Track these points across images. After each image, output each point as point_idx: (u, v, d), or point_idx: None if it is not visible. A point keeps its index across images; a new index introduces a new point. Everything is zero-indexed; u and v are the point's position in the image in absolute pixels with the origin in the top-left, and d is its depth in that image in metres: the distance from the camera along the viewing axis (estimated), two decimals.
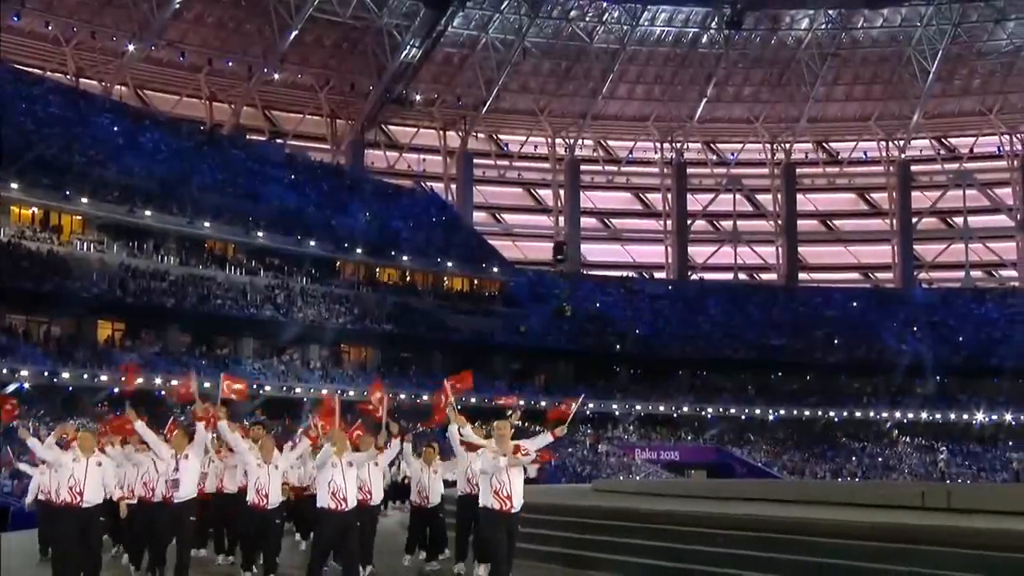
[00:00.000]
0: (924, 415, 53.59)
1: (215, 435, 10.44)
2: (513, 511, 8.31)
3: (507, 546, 8.43)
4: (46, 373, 36.34)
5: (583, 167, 69.43)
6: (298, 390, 42.86)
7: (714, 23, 63.14)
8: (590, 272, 67.21)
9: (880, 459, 50.19)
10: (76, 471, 8.97)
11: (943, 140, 69.84)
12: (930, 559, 8.81)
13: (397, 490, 18.58)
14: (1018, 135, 68.14)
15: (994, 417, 53.34)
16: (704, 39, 64.86)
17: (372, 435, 10.03)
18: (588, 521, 12.44)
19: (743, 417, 53.43)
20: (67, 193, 40.70)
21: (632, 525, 11.55)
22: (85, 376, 37.31)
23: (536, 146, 69.10)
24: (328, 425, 10.13)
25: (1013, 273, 68.94)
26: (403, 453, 10.98)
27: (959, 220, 69.67)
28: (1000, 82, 66.18)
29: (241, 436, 10.42)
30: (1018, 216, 68.16)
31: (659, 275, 68.55)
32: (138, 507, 10.13)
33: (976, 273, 68.95)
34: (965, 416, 53.90)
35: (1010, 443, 51.42)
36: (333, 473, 8.85)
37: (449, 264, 54.94)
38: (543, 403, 42.49)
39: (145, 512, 9.89)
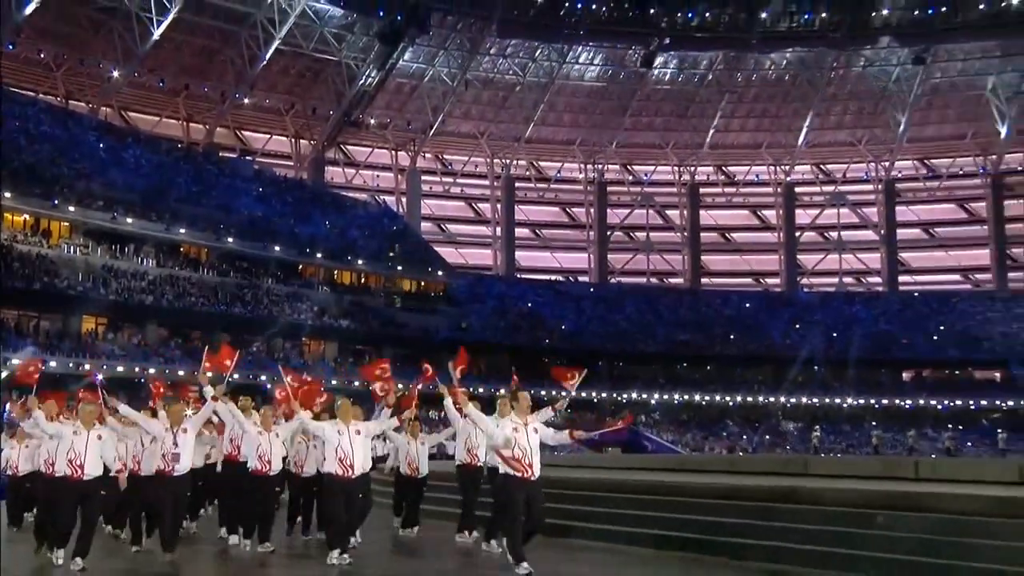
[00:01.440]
0: (804, 399, 54.43)
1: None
2: (533, 478, 7.96)
3: (530, 509, 8.01)
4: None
5: (517, 184, 69.64)
6: (263, 377, 41.06)
7: (630, 61, 63.58)
8: (523, 276, 67.06)
9: (768, 437, 50.90)
10: (76, 444, 8.45)
11: (821, 166, 70.91)
12: (787, 514, 9.27)
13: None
14: (882, 163, 69.16)
15: (860, 401, 54.67)
16: (621, 75, 65.26)
17: (364, 409, 9.56)
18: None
19: (653, 401, 53.62)
20: (56, 202, 40.53)
21: (567, 492, 11.43)
22: (71, 364, 36.79)
23: (476, 165, 69.32)
24: (296, 393, 9.84)
25: (878, 279, 69.79)
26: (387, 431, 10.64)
27: (834, 234, 70.69)
28: (868, 118, 67.53)
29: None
30: (882, 231, 68.99)
31: (583, 279, 69.00)
32: (128, 481, 9.36)
33: (848, 279, 70.32)
34: (837, 400, 55.05)
35: (873, 423, 52.00)
36: (340, 440, 8.49)
37: (399, 268, 54.92)
38: (480, 389, 40.53)
39: (137, 485, 9.17)
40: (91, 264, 41.30)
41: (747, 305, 63.58)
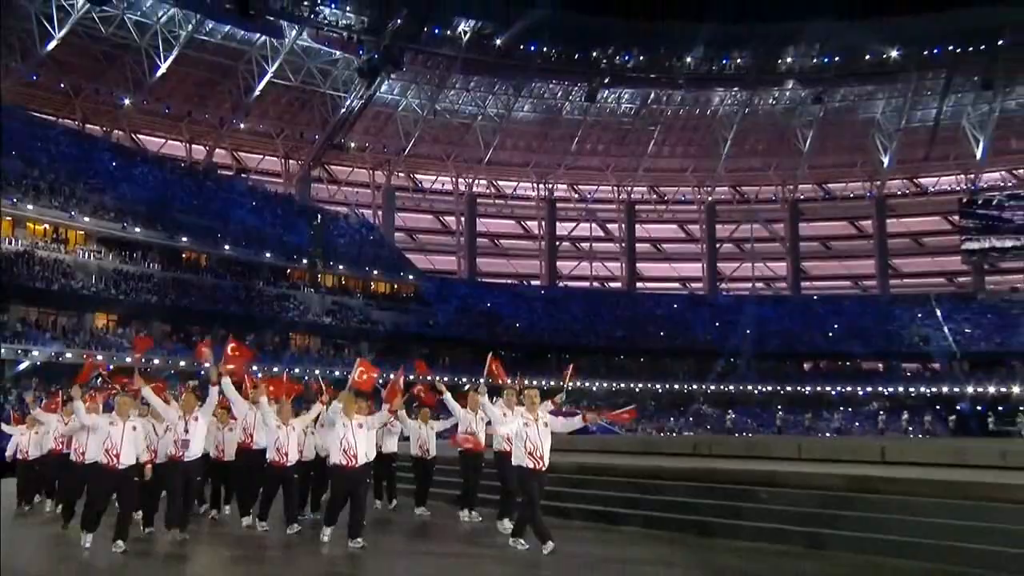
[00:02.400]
0: (721, 387, 54.99)
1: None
2: (543, 469, 7.86)
3: (537, 498, 7.94)
4: (53, 353, 36.26)
5: (479, 200, 69.83)
6: (254, 368, 42.56)
7: (575, 96, 64.17)
8: (483, 280, 67.08)
9: (691, 419, 52.06)
10: (113, 434, 8.10)
11: (737, 188, 71.73)
12: (678, 490, 9.91)
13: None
14: (788, 186, 70.04)
15: (768, 388, 55.42)
16: (567, 108, 65.71)
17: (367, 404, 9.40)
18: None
19: (594, 388, 53.83)
20: (72, 213, 40.67)
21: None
22: (84, 356, 35.43)
23: (443, 184, 69.40)
24: (281, 391, 9.93)
25: (784, 285, 70.37)
26: (400, 416, 10.53)
27: (748, 246, 71.79)
28: (776, 148, 68.17)
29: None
30: (787, 244, 70.13)
31: (535, 282, 68.77)
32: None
33: (759, 284, 71.36)
34: (750, 387, 55.58)
35: (778, 406, 52.14)
36: (344, 432, 8.24)
37: (375, 272, 54.95)
38: (445, 379, 45.27)
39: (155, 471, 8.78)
40: (103, 268, 41.38)
41: (675, 306, 64.01)
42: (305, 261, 51.53)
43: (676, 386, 54.90)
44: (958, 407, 53.34)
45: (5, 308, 36.45)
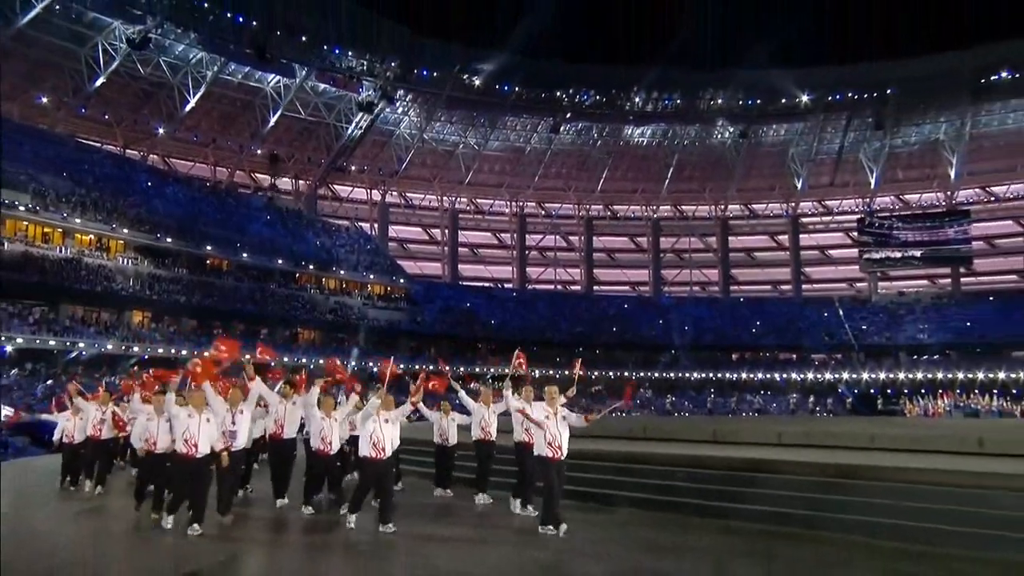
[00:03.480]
0: (664, 375, 54.81)
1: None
2: (562, 458, 7.51)
3: (557, 485, 7.52)
4: (96, 345, 36.90)
5: (460, 215, 70.18)
6: (267, 358, 41.86)
7: (542, 129, 64.81)
8: (464, 283, 67.55)
9: (637, 402, 51.29)
10: (191, 426, 7.70)
11: (677, 207, 72.07)
12: (584, 468, 9.62)
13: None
14: (720, 206, 70.81)
15: (702, 375, 55.64)
16: (534, 139, 66.12)
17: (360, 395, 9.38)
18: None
19: (557, 377, 48.23)
20: (114, 226, 41.27)
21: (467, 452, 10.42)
22: (123, 348, 37.97)
23: (430, 201, 69.58)
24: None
25: (716, 288, 71.52)
26: (422, 408, 10.15)
27: (686, 256, 72.64)
28: (710, 174, 68.81)
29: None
30: (718, 254, 71.20)
31: (508, 286, 69.27)
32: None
33: (696, 288, 72.01)
34: (686, 374, 55.69)
35: (711, 391, 54.34)
36: (374, 427, 7.83)
37: (371, 276, 55.38)
38: (430, 367, 45.09)
39: (195, 461, 7.88)
40: (139, 272, 41.89)
41: (625, 306, 64.90)
42: (311, 266, 51.53)
43: (626, 374, 54.62)
44: (839, 391, 54.83)
45: (56, 306, 37.01)
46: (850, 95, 60.47)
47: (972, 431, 11.73)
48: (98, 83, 50.10)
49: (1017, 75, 55.85)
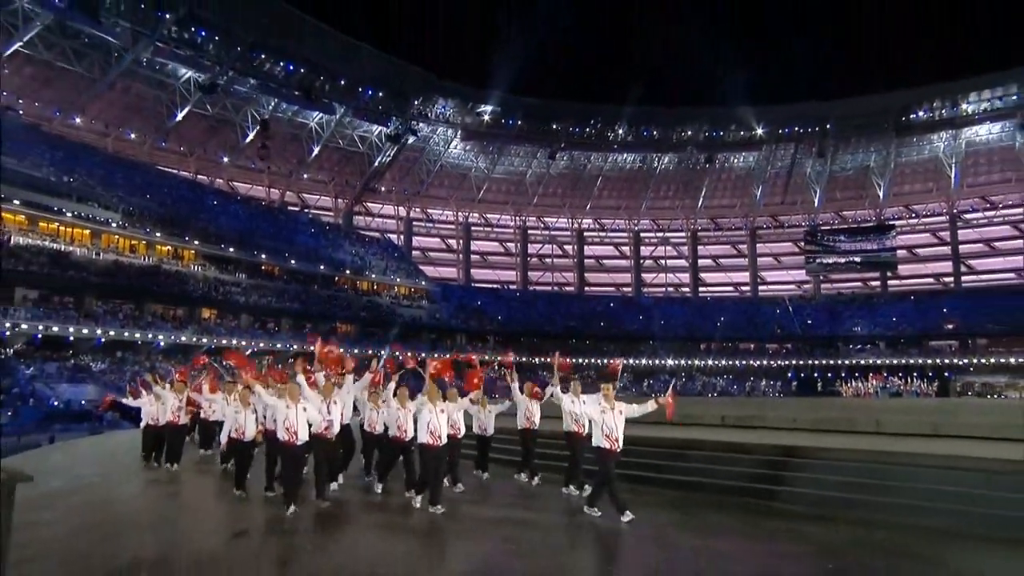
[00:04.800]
0: (643, 362, 54.67)
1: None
2: (618, 449, 6.92)
3: (614, 473, 6.93)
4: (172, 337, 37.58)
5: (473, 228, 70.21)
6: (311, 348, 38.02)
7: (541, 156, 64.94)
8: (475, 285, 67.40)
9: (621, 386, 49.49)
10: (290, 415, 7.13)
11: (655, 221, 72.15)
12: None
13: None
14: (691, 221, 71.11)
15: (673, 362, 55.52)
16: (534, 164, 66.25)
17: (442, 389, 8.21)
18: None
19: (548, 362, 46.35)
20: (186, 238, 42.27)
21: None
22: (194, 339, 38.15)
23: (447, 216, 69.60)
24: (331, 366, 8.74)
25: (688, 290, 71.12)
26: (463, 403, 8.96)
27: (662, 262, 72.47)
28: (682, 192, 69.04)
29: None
30: (690, 261, 71.42)
31: (512, 287, 69.23)
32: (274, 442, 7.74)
33: (670, 289, 71.67)
34: (660, 361, 54.98)
35: (682, 375, 52.86)
36: (430, 418, 7.24)
37: (397, 279, 55.54)
38: (446, 355, 44.29)
39: (295, 447, 7.25)
40: (207, 277, 42.78)
41: (611, 305, 65.03)
42: (347, 271, 51.67)
43: (611, 362, 49.12)
44: (789, 375, 56.22)
45: (141, 305, 38.28)
46: (797, 129, 61.41)
47: (872, 414, 11.79)
48: (175, 121, 51.71)
49: (931, 114, 57.82)
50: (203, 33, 47.10)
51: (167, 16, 44.77)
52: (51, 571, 5.50)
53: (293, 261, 48.03)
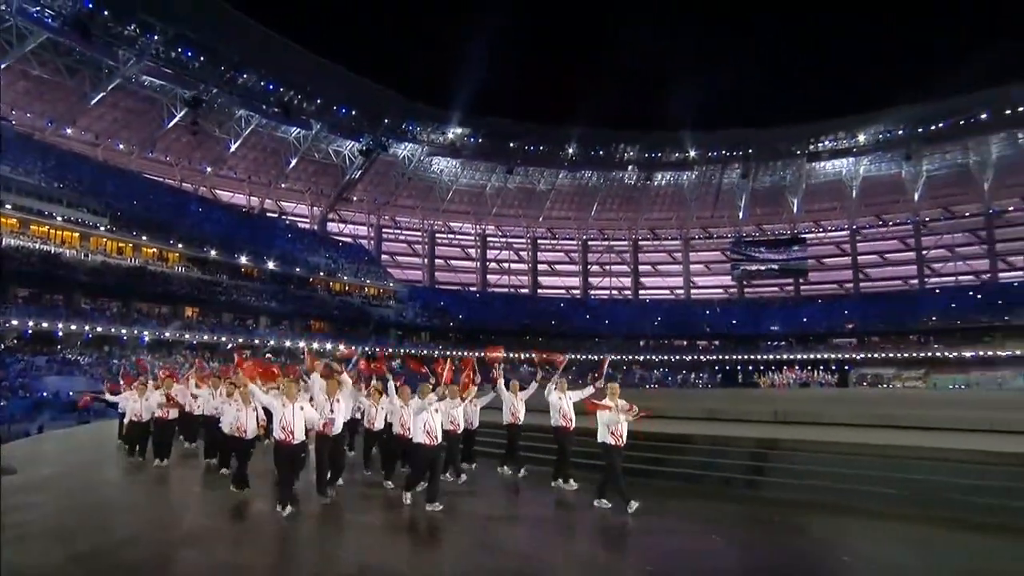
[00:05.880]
0: (588, 357, 49.14)
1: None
2: (622, 445, 6.67)
3: (620, 467, 6.67)
4: (157, 333, 37.33)
5: (437, 235, 69.87)
6: (287, 343, 42.18)
7: (499, 171, 64.84)
8: (439, 287, 67.25)
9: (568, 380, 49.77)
10: (286, 415, 6.51)
11: (601, 231, 72.26)
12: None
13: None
14: (632, 231, 71.48)
15: (617, 357, 52.56)
16: (493, 178, 66.25)
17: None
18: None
19: (509, 356, 48.99)
20: (171, 241, 41.72)
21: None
22: (177, 336, 38.01)
23: (413, 224, 69.26)
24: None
25: (629, 292, 71.64)
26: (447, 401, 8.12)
27: (607, 267, 72.95)
28: (625, 206, 69.17)
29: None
30: (631, 267, 72.12)
31: (472, 289, 68.85)
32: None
33: (614, 292, 72.43)
34: (603, 357, 57.43)
35: (623, 368, 53.29)
36: (427, 417, 6.73)
37: (368, 281, 55.05)
38: (412, 350, 44.85)
39: (291, 446, 6.57)
40: (190, 278, 42.19)
41: (561, 305, 65.80)
42: (321, 273, 51.04)
43: (551, 355, 48.37)
44: (715, 368, 57.87)
45: (127, 303, 37.61)
46: (724, 152, 62.73)
47: (771, 405, 12.29)
48: (162, 133, 50.69)
49: (834, 143, 60.59)
50: (189, 53, 46.31)
51: (155, 37, 44.36)
52: (42, 548, 5.38)
53: (271, 264, 47.65)
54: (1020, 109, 51.35)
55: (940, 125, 54.88)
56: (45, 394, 27.81)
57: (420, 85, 69.29)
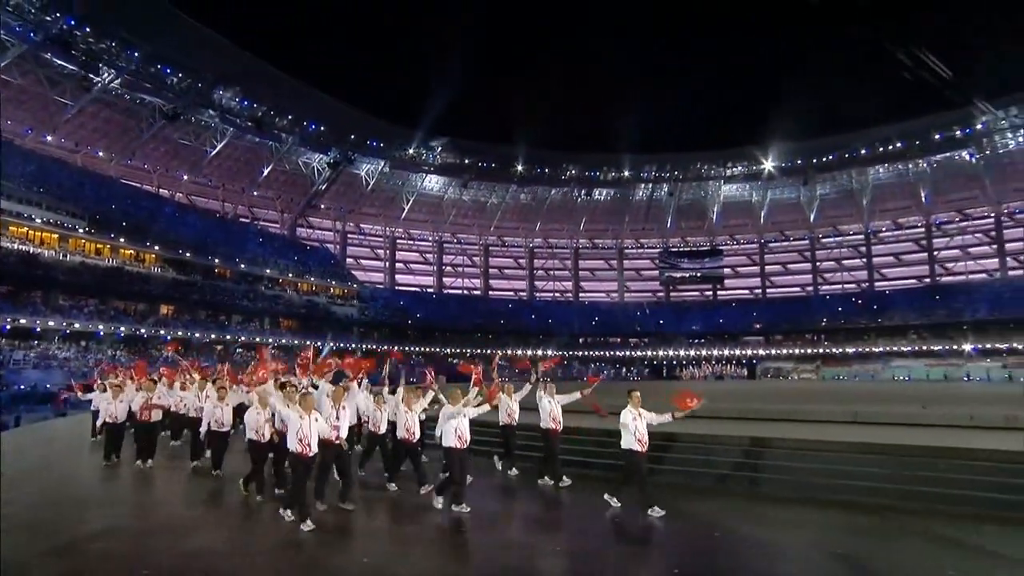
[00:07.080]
0: (535, 351, 51.74)
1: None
2: (646, 451, 6.29)
3: (646, 472, 6.27)
4: (132, 329, 36.86)
5: (398, 241, 69.25)
6: (257, 339, 41.10)
7: (457, 185, 64.67)
8: (399, 288, 66.63)
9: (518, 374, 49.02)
10: (303, 427, 5.93)
11: (546, 239, 71.22)
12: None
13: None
14: (573, 240, 71.52)
15: (562, 353, 51.86)
16: (450, 191, 65.89)
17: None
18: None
19: (467, 354, 51.03)
20: (148, 243, 41.16)
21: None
22: (153, 332, 37.74)
23: (376, 230, 68.45)
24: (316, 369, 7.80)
25: (571, 295, 71.07)
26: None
27: (552, 272, 72.65)
28: (567, 217, 68.77)
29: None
30: (572, 272, 71.52)
31: (430, 290, 68.32)
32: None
33: (557, 294, 71.95)
34: (551, 352, 49.37)
35: (566, 364, 51.76)
36: (458, 422, 6.37)
37: (333, 282, 54.59)
38: (375, 347, 45.44)
39: (307, 458, 5.97)
40: (166, 277, 41.64)
41: (510, 306, 65.76)
42: (290, 274, 50.69)
43: (508, 352, 46.73)
44: (644, 363, 59.28)
45: (105, 301, 37.03)
46: (654, 172, 64.72)
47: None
48: (141, 142, 49.96)
49: (745, 168, 64.20)
50: (168, 70, 45.82)
51: (136, 54, 43.87)
52: (22, 542, 5.15)
53: (243, 265, 47.28)
54: (891, 147, 57.31)
55: (830, 157, 59.84)
56: (22, 387, 27.40)
57: (385, 104, 70.50)
